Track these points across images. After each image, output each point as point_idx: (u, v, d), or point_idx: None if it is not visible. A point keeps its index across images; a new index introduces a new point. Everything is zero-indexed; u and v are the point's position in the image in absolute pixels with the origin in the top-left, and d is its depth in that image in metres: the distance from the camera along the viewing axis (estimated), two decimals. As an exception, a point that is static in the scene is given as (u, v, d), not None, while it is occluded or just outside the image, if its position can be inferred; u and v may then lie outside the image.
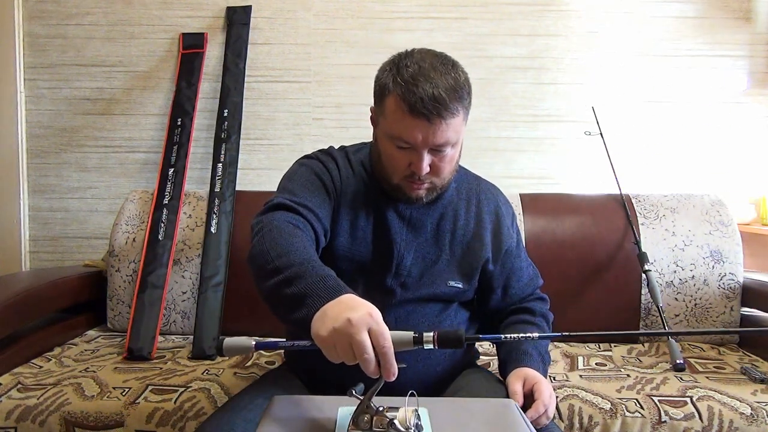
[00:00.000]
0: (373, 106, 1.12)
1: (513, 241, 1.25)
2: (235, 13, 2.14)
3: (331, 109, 2.18)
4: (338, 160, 1.19)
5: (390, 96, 1.03)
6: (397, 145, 1.05)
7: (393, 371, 0.77)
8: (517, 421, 0.85)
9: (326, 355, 0.80)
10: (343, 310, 0.78)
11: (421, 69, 1.01)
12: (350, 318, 0.76)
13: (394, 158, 1.07)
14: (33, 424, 1.27)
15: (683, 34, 2.17)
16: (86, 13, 2.17)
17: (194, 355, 1.63)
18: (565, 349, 1.71)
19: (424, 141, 1.02)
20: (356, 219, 1.15)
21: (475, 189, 1.24)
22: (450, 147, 1.05)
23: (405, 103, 1.00)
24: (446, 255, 1.17)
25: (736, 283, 1.78)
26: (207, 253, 1.81)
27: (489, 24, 2.17)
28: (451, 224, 1.18)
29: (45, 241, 2.22)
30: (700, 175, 2.18)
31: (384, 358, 0.77)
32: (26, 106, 2.19)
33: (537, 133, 2.19)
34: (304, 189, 1.11)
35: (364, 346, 0.75)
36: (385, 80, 1.05)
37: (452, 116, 1.01)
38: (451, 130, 1.02)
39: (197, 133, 2.09)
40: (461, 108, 1.03)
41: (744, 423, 1.26)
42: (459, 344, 0.83)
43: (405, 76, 1.01)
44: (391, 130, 1.05)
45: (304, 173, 1.15)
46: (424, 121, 1.00)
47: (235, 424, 0.99)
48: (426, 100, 0.98)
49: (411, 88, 0.99)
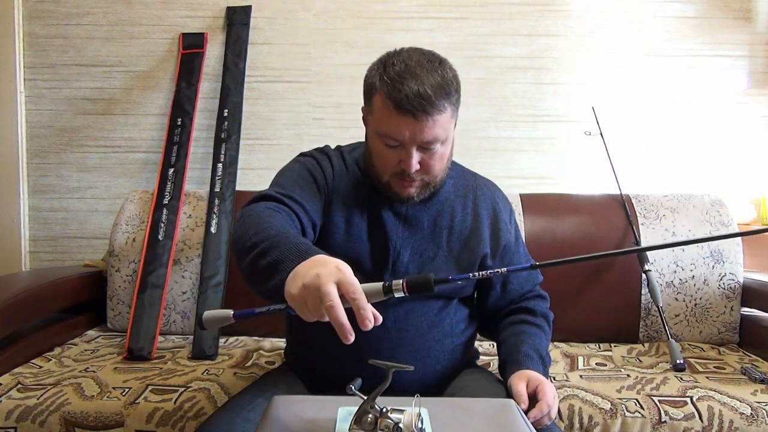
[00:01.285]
0: (363, 105, 1.13)
1: (511, 236, 1.24)
2: (235, 13, 2.14)
3: (331, 109, 2.18)
4: (332, 159, 1.20)
5: (377, 94, 1.04)
6: (386, 143, 1.06)
7: (368, 318, 0.75)
8: (517, 421, 0.85)
9: (300, 314, 0.78)
10: (312, 267, 0.78)
11: (407, 67, 1.02)
12: (318, 273, 0.76)
13: (384, 156, 1.07)
14: (33, 424, 1.27)
15: (683, 34, 2.17)
16: (86, 13, 2.17)
17: (194, 355, 1.63)
18: (565, 349, 1.71)
19: (411, 138, 1.03)
20: (351, 217, 1.15)
21: (472, 185, 1.25)
22: (439, 144, 1.06)
23: (391, 101, 1.01)
24: (444, 251, 1.17)
25: (736, 283, 1.78)
26: (207, 253, 1.81)
27: (489, 24, 2.17)
28: (448, 221, 1.18)
29: (45, 241, 2.22)
30: (700, 175, 2.18)
31: (356, 306, 0.75)
32: (26, 106, 2.19)
33: (537, 133, 2.19)
34: (294, 184, 1.12)
35: (329, 295, 0.73)
36: (373, 79, 1.06)
37: (439, 113, 1.02)
38: (438, 127, 1.03)
39: (197, 133, 2.09)
40: (448, 105, 1.03)
41: (744, 423, 1.26)
42: (429, 287, 0.81)
43: (391, 74, 1.02)
44: (379, 128, 1.06)
45: (296, 169, 1.17)
46: (410, 118, 1.01)
47: (235, 424, 1.00)
48: (411, 97, 0.99)
49: (397, 86, 1.00)
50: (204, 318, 0.90)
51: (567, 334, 1.79)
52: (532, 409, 1.02)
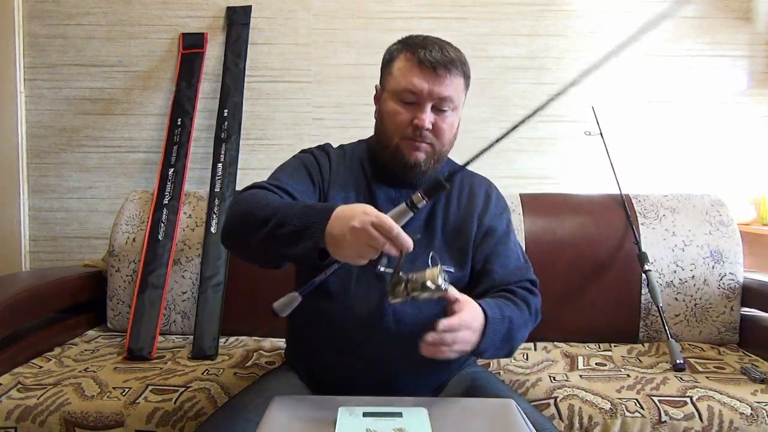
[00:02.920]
0: (378, 84, 1.21)
1: (501, 225, 1.24)
2: (235, 13, 2.14)
3: (331, 109, 2.18)
4: (331, 154, 1.24)
5: (399, 56, 1.14)
6: (403, 99, 1.12)
7: (408, 245, 0.86)
8: (517, 421, 0.85)
9: (355, 263, 0.89)
10: (344, 225, 0.87)
11: (428, 38, 1.14)
12: (353, 226, 0.85)
13: (398, 114, 1.13)
14: (33, 424, 1.27)
15: (683, 34, 2.17)
16: (86, 13, 2.17)
17: (194, 355, 1.63)
18: (565, 349, 1.71)
19: (429, 93, 1.10)
20: (348, 203, 1.16)
21: (468, 178, 1.28)
22: (451, 109, 1.13)
23: (414, 57, 1.10)
24: (438, 240, 1.18)
25: (736, 283, 1.78)
26: (207, 253, 1.81)
27: (489, 24, 2.17)
28: (443, 210, 1.21)
29: (45, 241, 2.22)
30: (700, 175, 2.18)
31: (397, 241, 0.85)
32: (26, 106, 2.19)
33: (537, 133, 2.19)
34: (289, 177, 1.17)
35: (377, 242, 0.84)
36: (393, 48, 1.17)
37: (456, 75, 1.12)
38: (453, 88, 1.11)
39: (197, 133, 2.09)
40: (462, 75, 1.14)
41: (744, 423, 1.26)
42: (442, 186, 0.93)
43: (416, 41, 1.13)
44: (399, 85, 1.12)
45: (292, 164, 1.22)
46: (431, 71, 1.09)
47: (236, 424, 1.00)
48: (434, 54, 1.09)
49: (420, 47, 1.11)
50: (275, 308, 1.01)
51: (567, 334, 1.79)
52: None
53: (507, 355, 1.12)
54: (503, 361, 1.59)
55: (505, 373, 1.51)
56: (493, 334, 0.98)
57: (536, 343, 1.76)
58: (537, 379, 1.44)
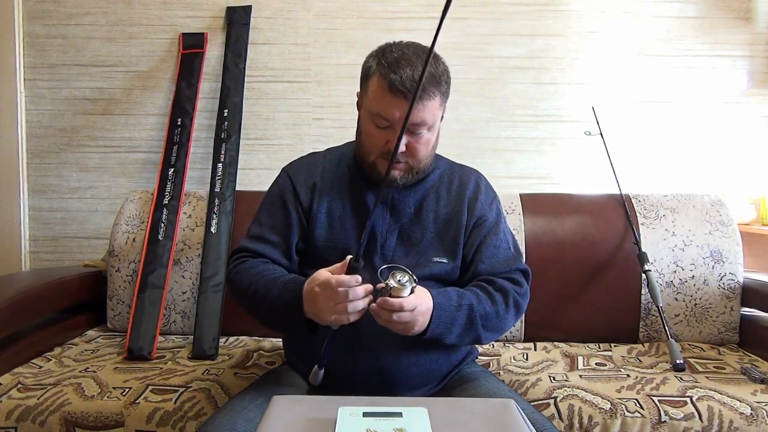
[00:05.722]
0: (359, 90, 1.19)
1: (491, 215, 1.24)
2: (235, 13, 2.14)
3: (331, 109, 2.19)
4: (315, 166, 1.28)
5: (373, 77, 1.12)
6: (377, 123, 1.12)
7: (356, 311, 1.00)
8: (517, 421, 0.85)
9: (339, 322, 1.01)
10: (311, 306, 1.02)
11: (404, 54, 1.10)
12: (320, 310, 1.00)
13: (373, 136, 1.13)
14: (33, 424, 1.27)
15: (683, 34, 2.17)
16: (86, 13, 2.17)
17: (194, 355, 1.63)
18: (565, 349, 1.71)
19: (400, 119, 1.08)
20: (338, 208, 1.21)
21: (458, 172, 1.29)
22: (426, 129, 1.12)
23: (386, 82, 1.08)
24: (430, 233, 1.20)
25: (736, 283, 1.78)
26: (207, 254, 1.81)
27: (489, 24, 2.17)
28: (433, 204, 1.22)
29: (45, 241, 2.22)
30: (700, 175, 2.18)
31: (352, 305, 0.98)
32: (26, 106, 2.19)
33: (537, 133, 2.19)
34: (269, 216, 1.25)
35: (346, 312, 0.98)
36: (370, 63, 1.14)
37: (429, 98, 1.09)
38: (427, 112, 1.10)
39: (197, 133, 2.09)
40: (438, 93, 1.11)
41: (744, 423, 1.26)
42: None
43: (389, 59, 1.10)
44: (372, 108, 1.12)
45: (268, 198, 1.28)
46: (401, 99, 1.07)
47: (236, 424, 1.00)
48: (405, 80, 1.06)
49: (392, 69, 1.08)
50: (313, 383, 1.13)
51: (567, 334, 1.79)
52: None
53: (475, 342, 1.17)
54: (503, 361, 1.59)
55: (505, 373, 1.51)
56: (443, 320, 1.06)
57: (536, 343, 1.77)
58: (537, 379, 1.44)
